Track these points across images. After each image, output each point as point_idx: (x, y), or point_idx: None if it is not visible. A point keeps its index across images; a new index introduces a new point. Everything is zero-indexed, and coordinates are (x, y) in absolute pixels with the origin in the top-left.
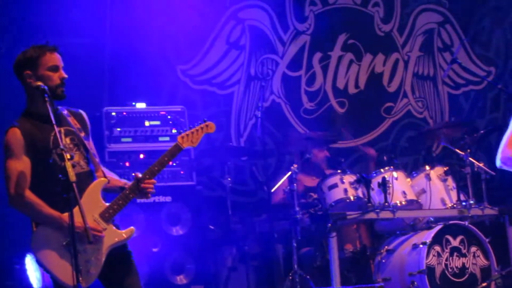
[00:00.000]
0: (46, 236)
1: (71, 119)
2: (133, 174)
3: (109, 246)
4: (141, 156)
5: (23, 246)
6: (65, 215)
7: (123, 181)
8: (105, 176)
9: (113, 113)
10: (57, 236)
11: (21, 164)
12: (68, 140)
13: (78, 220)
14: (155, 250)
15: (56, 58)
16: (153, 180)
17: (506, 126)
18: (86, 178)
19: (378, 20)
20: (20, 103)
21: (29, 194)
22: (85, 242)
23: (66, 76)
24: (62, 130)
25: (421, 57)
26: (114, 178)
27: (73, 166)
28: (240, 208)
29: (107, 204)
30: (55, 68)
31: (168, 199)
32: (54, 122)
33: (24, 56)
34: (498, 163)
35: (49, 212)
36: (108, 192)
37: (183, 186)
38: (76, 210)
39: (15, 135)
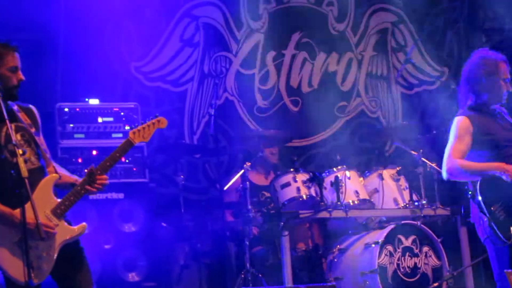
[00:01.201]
0: None
1: (21, 115)
2: (87, 169)
3: (61, 242)
4: (94, 152)
5: None
6: (16, 211)
7: (74, 177)
8: (56, 172)
9: (66, 109)
10: (8, 233)
11: None
12: (18, 136)
13: (29, 216)
14: (107, 247)
15: (17, 59)
16: (104, 176)
17: None
18: (37, 174)
19: (332, 19)
20: None
21: None
22: (37, 238)
23: (23, 78)
24: (13, 126)
25: (374, 57)
26: (65, 175)
27: (25, 162)
28: (192, 206)
29: (59, 200)
30: (15, 69)
31: (120, 196)
32: (7, 118)
33: None
34: (445, 175)
35: (0, 208)
36: (59, 188)
37: (136, 183)
38: (27, 206)
39: None
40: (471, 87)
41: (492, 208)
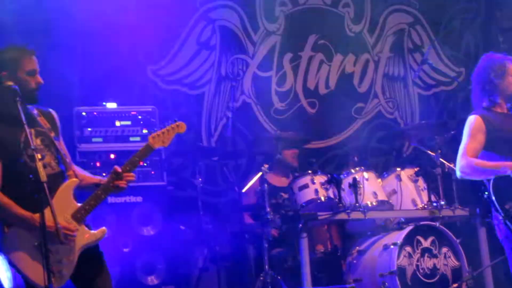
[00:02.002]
0: (18, 236)
1: (40, 119)
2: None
3: (81, 246)
4: (112, 156)
5: None
6: (37, 215)
7: (98, 177)
8: (76, 176)
9: (84, 113)
10: (29, 237)
11: None
12: (38, 141)
13: (49, 220)
14: (126, 250)
15: (34, 62)
16: (131, 173)
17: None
18: (57, 178)
19: (348, 20)
20: None
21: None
22: (56, 243)
23: (42, 81)
24: (33, 131)
25: (391, 58)
26: (88, 176)
27: (44, 167)
28: (211, 209)
29: (79, 204)
30: (33, 72)
31: (139, 199)
32: (25, 122)
33: (3, 56)
34: (458, 173)
35: (20, 212)
36: (83, 190)
37: (154, 186)
38: (47, 210)
39: None
40: (482, 90)
41: (506, 207)
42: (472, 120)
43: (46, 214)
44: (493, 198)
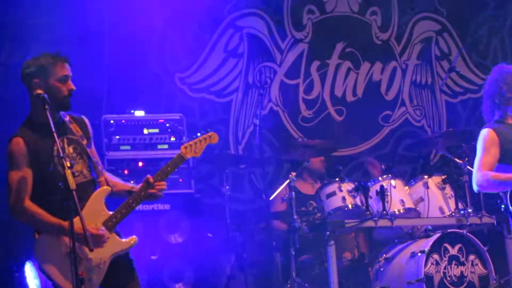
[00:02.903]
0: (49, 244)
1: (72, 126)
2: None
3: (112, 254)
4: (140, 164)
5: (23, 254)
6: (67, 223)
7: (130, 185)
8: (108, 183)
9: (112, 121)
10: (59, 244)
11: (22, 175)
12: (71, 149)
13: (78, 227)
14: (153, 258)
15: (66, 69)
16: (163, 182)
17: None
18: (89, 186)
19: (375, 28)
20: (19, 111)
21: (29, 204)
22: (87, 250)
23: (74, 88)
24: (65, 139)
25: (418, 66)
26: (120, 183)
27: (76, 175)
28: (238, 216)
29: (111, 212)
30: (65, 79)
31: (166, 207)
32: (54, 131)
33: (35, 64)
34: (475, 187)
35: (50, 220)
36: (115, 197)
37: (182, 194)
38: (77, 218)
39: (19, 145)
40: (493, 102)
41: None
42: (485, 134)
43: (76, 221)
44: (511, 209)
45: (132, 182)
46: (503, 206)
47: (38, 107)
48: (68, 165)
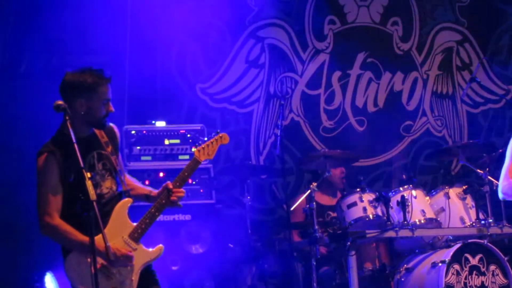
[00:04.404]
0: (78, 262)
1: (98, 132)
2: (163, 185)
3: (141, 265)
4: (161, 174)
5: (43, 264)
6: (97, 237)
7: (148, 188)
8: (128, 193)
9: (133, 132)
10: (89, 260)
11: (52, 191)
12: (100, 165)
13: (100, 244)
14: (174, 268)
15: (109, 90)
16: (181, 189)
17: None
18: (117, 201)
19: (397, 38)
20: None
21: (59, 223)
22: (116, 265)
23: (113, 110)
24: (95, 154)
25: (440, 76)
26: (139, 186)
27: (105, 192)
28: (259, 227)
29: (135, 224)
30: (107, 101)
31: (187, 217)
32: (74, 141)
33: (80, 81)
34: (500, 195)
35: (79, 239)
36: (134, 199)
37: (203, 205)
38: (100, 236)
39: (47, 160)
40: None
41: None
42: None
43: (99, 238)
44: None
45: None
46: None
47: (75, 123)
48: (89, 175)
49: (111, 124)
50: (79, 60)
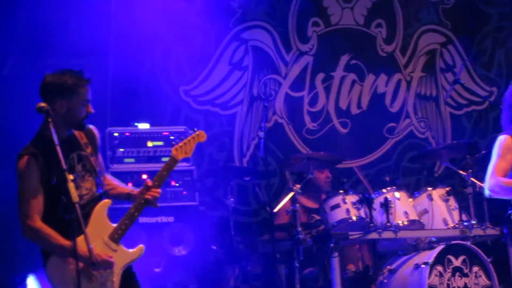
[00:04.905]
0: (61, 263)
1: (77, 133)
2: (145, 181)
3: (122, 266)
4: (144, 176)
5: (26, 266)
6: (79, 238)
7: (130, 188)
8: (107, 193)
9: (116, 134)
10: (70, 265)
11: (33, 194)
12: (80, 167)
13: (81, 250)
14: (157, 270)
15: (89, 92)
16: (158, 190)
17: None
18: (97, 202)
19: (380, 40)
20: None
21: (41, 226)
22: (97, 268)
23: (93, 111)
24: (75, 155)
25: (423, 78)
26: (120, 186)
27: (84, 193)
28: (242, 228)
29: (115, 225)
30: (87, 103)
31: (170, 219)
32: (57, 143)
33: (60, 82)
34: (486, 192)
35: (61, 243)
36: (115, 199)
37: (186, 206)
38: (82, 237)
39: (29, 164)
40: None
41: None
42: (502, 140)
43: (81, 240)
44: None
45: (145, 182)
46: None
47: (46, 121)
48: (71, 178)
49: (90, 126)
50: (63, 62)
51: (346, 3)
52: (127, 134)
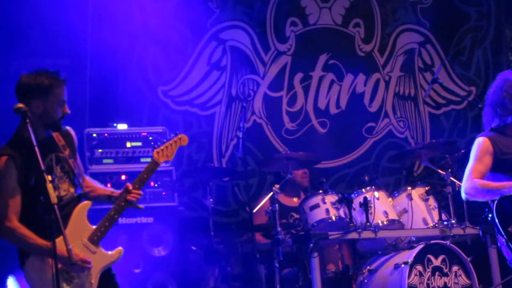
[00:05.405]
0: (39, 264)
1: (55, 135)
2: (125, 185)
3: (101, 268)
4: (123, 177)
5: (5, 268)
6: (58, 239)
7: (110, 189)
8: (87, 195)
9: (95, 135)
10: (48, 266)
11: (11, 195)
12: (58, 168)
13: (60, 249)
14: (137, 271)
15: (65, 92)
16: (139, 191)
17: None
18: (75, 204)
19: (359, 40)
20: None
21: (17, 226)
22: (76, 270)
23: (69, 112)
24: (53, 156)
25: (402, 77)
26: (100, 188)
27: (63, 194)
28: (222, 229)
29: (94, 226)
30: (63, 103)
31: (150, 220)
32: (35, 144)
33: (36, 82)
34: (463, 195)
35: (38, 243)
36: (95, 201)
37: (165, 207)
38: (61, 238)
39: (7, 164)
40: (494, 111)
41: (509, 229)
42: (480, 142)
43: (60, 242)
44: (496, 220)
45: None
46: (490, 215)
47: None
48: (50, 178)
49: (67, 127)
50: (40, 63)
51: (324, 2)
52: (105, 135)
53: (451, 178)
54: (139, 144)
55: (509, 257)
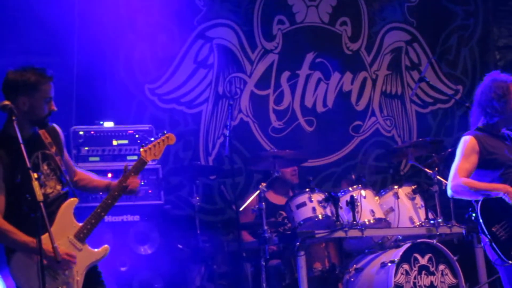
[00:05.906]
0: (24, 261)
1: (42, 132)
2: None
3: (86, 266)
4: (109, 175)
5: None
6: (43, 237)
7: (107, 180)
8: (84, 188)
9: (81, 132)
10: (33, 263)
11: None
12: (45, 166)
13: (46, 244)
14: (123, 269)
15: (52, 89)
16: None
17: None
18: (62, 201)
19: (346, 38)
20: None
21: (2, 223)
22: (61, 268)
23: (56, 109)
24: (40, 154)
25: (389, 76)
26: (97, 179)
27: (49, 191)
28: (208, 227)
29: (80, 224)
30: (49, 100)
31: (136, 218)
32: (21, 142)
33: (22, 79)
34: (449, 192)
35: (22, 239)
36: (93, 193)
37: (151, 205)
38: (46, 235)
39: None
40: (482, 110)
41: (493, 229)
42: (467, 140)
43: (46, 238)
44: (480, 220)
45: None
46: (473, 215)
47: (10, 119)
48: (35, 176)
49: (53, 125)
50: (26, 60)
51: (311, 1)
52: (92, 132)
53: (438, 177)
54: (126, 142)
55: (492, 257)
